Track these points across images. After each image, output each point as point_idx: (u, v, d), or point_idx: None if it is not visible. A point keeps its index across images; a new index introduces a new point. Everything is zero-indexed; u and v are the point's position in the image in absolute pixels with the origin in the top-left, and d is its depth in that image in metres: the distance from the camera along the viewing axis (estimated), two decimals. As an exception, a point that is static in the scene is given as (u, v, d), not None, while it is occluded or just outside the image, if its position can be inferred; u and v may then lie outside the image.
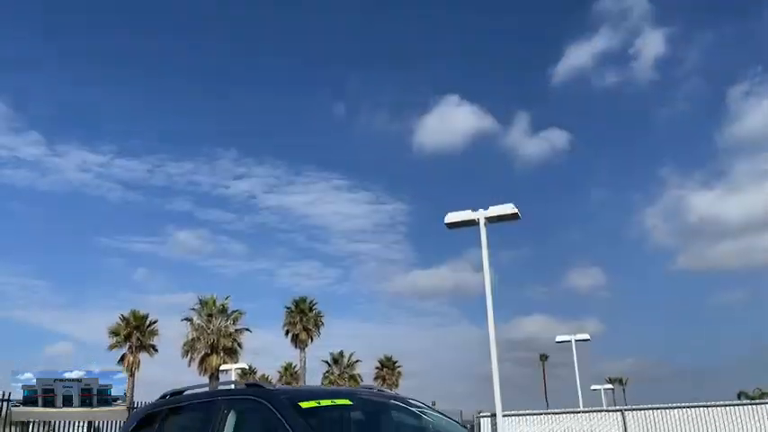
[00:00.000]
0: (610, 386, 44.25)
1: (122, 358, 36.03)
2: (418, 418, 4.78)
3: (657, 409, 13.43)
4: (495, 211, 14.77)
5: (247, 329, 38.23)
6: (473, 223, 15.01)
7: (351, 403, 4.55)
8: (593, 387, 39.48)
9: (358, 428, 4.04)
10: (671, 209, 65.38)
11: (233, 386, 5.11)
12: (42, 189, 60.53)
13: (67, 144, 68.55)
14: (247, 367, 36.17)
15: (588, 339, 30.91)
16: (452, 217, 15.08)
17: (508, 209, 14.64)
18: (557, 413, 14.47)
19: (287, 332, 42.49)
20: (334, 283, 69.01)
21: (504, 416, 13.31)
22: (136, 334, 35.85)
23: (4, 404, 11.31)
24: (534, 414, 14.03)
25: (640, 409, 13.47)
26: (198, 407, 4.82)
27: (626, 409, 13.72)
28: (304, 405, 4.18)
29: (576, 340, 29.96)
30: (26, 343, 62.45)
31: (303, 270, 70.65)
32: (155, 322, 37.29)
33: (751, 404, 13.42)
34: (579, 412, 14.35)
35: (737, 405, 13.46)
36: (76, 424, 12.88)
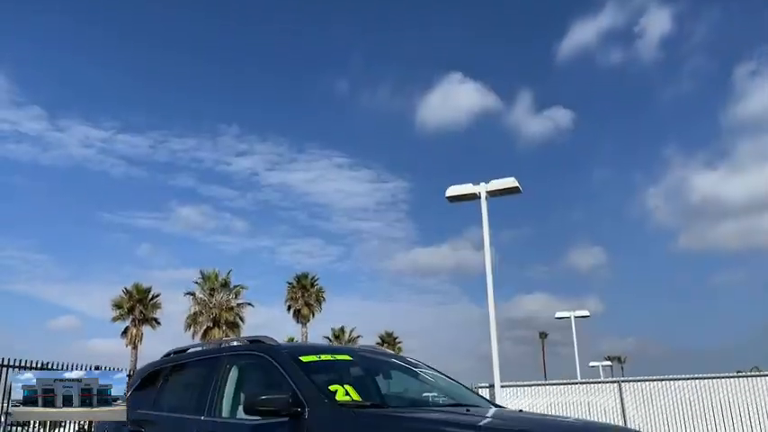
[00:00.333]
0: (608, 363, 44.58)
1: (125, 331, 36.40)
2: (417, 376, 4.86)
3: (655, 380, 13.58)
4: (497, 184, 14.77)
5: (249, 304, 38.57)
6: (474, 197, 15.02)
7: (350, 359, 4.64)
8: (591, 364, 39.82)
9: (357, 382, 4.12)
10: (673, 189, 65.25)
11: (236, 343, 5.20)
12: (45, 164, 60.52)
13: (69, 119, 68.29)
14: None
15: (588, 316, 31.09)
16: (454, 190, 15.09)
17: (509, 182, 14.64)
18: (554, 384, 14.64)
19: (289, 307, 42.82)
20: (336, 261, 69.29)
21: (502, 386, 13.46)
22: (139, 307, 36.14)
23: (4, 370, 11.43)
24: (532, 385, 14.20)
25: (637, 381, 13.61)
26: (201, 363, 4.92)
27: (623, 381, 13.87)
28: (305, 359, 4.27)
29: (576, 316, 30.15)
30: (31, 317, 62.96)
31: (305, 247, 70.92)
32: (157, 296, 37.62)
33: (750, 377, 13.50)
34: (576, 383, 14.51)
35: (737, 377, 13.58)
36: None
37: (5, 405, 11.68)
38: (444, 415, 3.89)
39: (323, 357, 4.47)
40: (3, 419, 12.35)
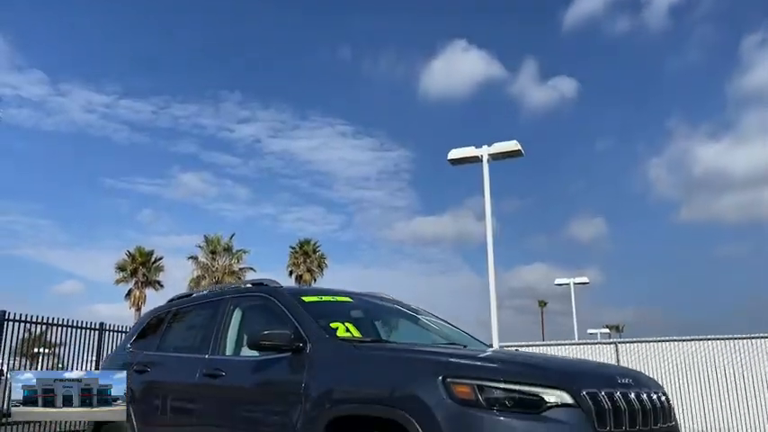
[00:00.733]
0: (606, 330, 45.03)
1: (129, 293, 36.75)
2: (417, 321, 4.95)
3: (652, 341, 13.74)
4: (499, 147, 14.75)
5: (251, 269, 38.82)
6: (476, 160, 15.02)
7: (351, 300, 4.73)
8: (589, 331, 40.27)
9: (357, 323, 4.20)
10: (676, 160, 64.88)
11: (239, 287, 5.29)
12: (47, 129, 60.18)
13: (71, 83, 67.77)
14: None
15: (587, 283, 31.30)
16: (456, 153, 15.08)
17: (512, 146, 14.62)
18: (552, 344, 14.84)
19: (290, 273, 43.06)
20: (338, 230, 69.36)
21: (500, 347, 13.64)
22: (142, 270, 36.43)
23: (5, 324, 11.52)
24: (530, 345, 14.38)
25: (634, 342, 13.79)
26: (205, 305, 5.01)
27: (620, 342, 14.06)
28: (307, 299, 4.36)
29: (575, 283, 30.34)
30: (35, 281, 63.44)
31: (307, 216, 70.98)
32: (160, 259, 37.90)
33: (746, 338, 13.61)
34: (574, 344, 14.71)
35: (732, 339, 13.71)
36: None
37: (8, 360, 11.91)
38: (443, 349, 3.99)
39: (324, 299, 4.56)
40: (5, 372, 12.57)
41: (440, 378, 3.05)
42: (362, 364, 3.56)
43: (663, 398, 3.55)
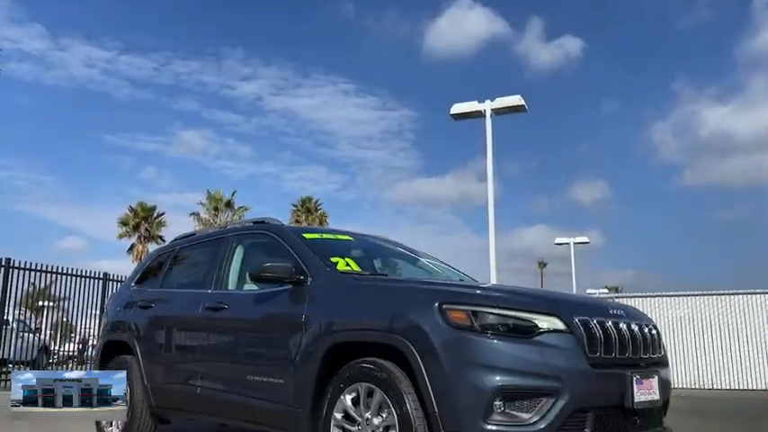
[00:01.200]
0: (605, 290, 45.37)
1: (131, 248, 36.99)
2: (416, 262, 5.03)
3: (650, 297, 13.91)
4: (502, 102, 14.68)
5: (253, 225, 38.88)
6: (479, 115, 14.95)
7: (352, 239, 4.80)
8: (588, 291, 40.63)
9: (357, 260, 4.28)
10: (682, 123, 64.24)
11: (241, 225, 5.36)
12: (48, 84, 59.58)
13: (71, 38, 66.76)
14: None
15: (587, 242, 31.46)
16: (459, 108, 15.00)
17: (515, 100, 14.54)
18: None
19: (292, 230, 43.19)
20: (340, 189, 69.29)
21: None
22: (144, 225, 36.61)
23: (9, 271, 11.63)
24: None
25: (632, 297, 13.95)
26: (208, 244, 5.09)
27: (618, 297, 14.23)
28: (308, 236, 4.43)
29: (576, 243, 30.49)
30: (39, 237, 63.79)
31: (309, 175, 70.83)
32: (162, 214, 38.03)
33: (751, 293, 13.76)
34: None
35: (729, 294, 13.87)
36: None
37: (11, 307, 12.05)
38: (440, 281, 4.08)
39: (325, 236, 4.63)
40: (10, 320, 12.76)
41: (436, 304, 3.12)
42: (361, 295, 3.65)
43: (653, 330, 3.64)
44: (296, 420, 3.60)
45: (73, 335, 17.60)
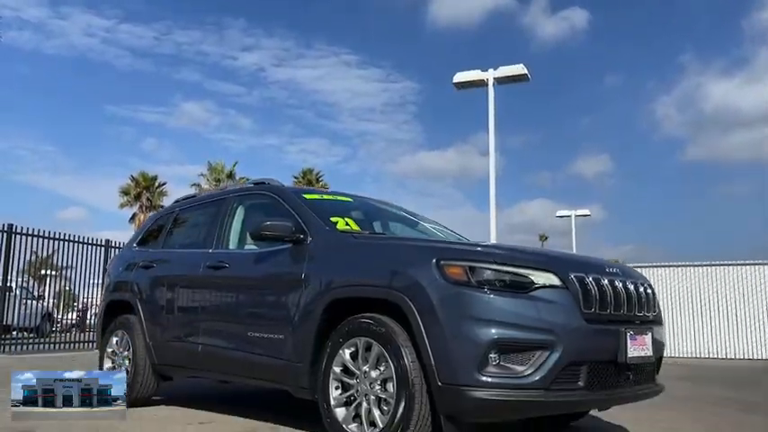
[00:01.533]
0: (605, 264, 45.45)
1: (133, 217, 37.09)
2: (416, 225, 5.06)
3: (648, 267, 13.99)
4: (505, 71, 14.58)
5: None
6: (482, 84, 14.87)
7: (352, 201, 4.82)
8: (588, 263, 40.73)
9: (356, 221, 4.31)
10: (686, 97, 63.72)
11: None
12: (48, 53, 59.09)
13: (71, 6, 65.94)
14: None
15: (588, 215, 31.46)
16: (461, 77, 14.91)
17: (518, 69, 14.44)
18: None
19: (293, 200, 43.22)
20: (342, 162, 69.13)
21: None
22: (146, 194, 36.66)
23: (12, 236, 11.68)
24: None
25: (634, 267, 14.01)
26: (209, 205, 5.12)
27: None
28: (308, 196, 4.46)
29: (577, 215, 30.52)
30: (40, 207, 63.91)
31: (311, 147, 70.58)
32: (164, 184, 38.06)
33: (751, 264, 13.81)
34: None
35: (725, 266, 13.94)
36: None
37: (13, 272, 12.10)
38: (439, 239, 4.12)
39: (325, 197, 4.66)
40: (14, 287, 12.85)
41: (434, 260, 3.16)
42: (360, 252, 3.69)
43: (649, 289, 3.69)
44: (296, 374, 3.67)
45: (76, 304, 17.75)
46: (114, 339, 5.20)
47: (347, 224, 4.14)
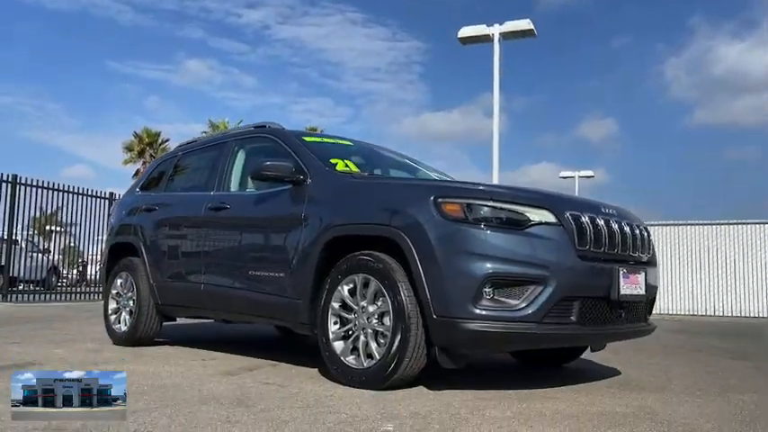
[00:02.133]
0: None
1: (136, 173, 37.11)
2: (416, 171, 5.08)
3: (648, 225, 14.02)
4: (511, 26, 14.37)
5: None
6: (487, 39, 14.68)
7: (352, 144, 4.84)
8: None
9: (356, 164, 4.33)
10: (696, 60, 62.66)
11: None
12: (50, 8, 58.38)
13: (70, -43, 64.81)
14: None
15: (592, 176, 31.36)
16: (466, 32, 14.70)
17: (524, 24, 14.22)
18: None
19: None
20: (346, 123, 68.64)
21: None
22: (149, 150, 36.60)
23: (17, 187, 11.72)
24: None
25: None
26: (210, 148, 5.15)
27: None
28: (308, 139, 4.48)
29: (580, 177, 30.44)
30: (44, 165, 63.96)
31: (315, 107, 70.10)
32: (167, 141, 37.91)
33: (754, 223, 13.80)
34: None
35: (723, 224, 13.95)
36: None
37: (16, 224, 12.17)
38: (438, 179, 4.16)
39: (326, 140, 4.67)
40: (20, 240, 12.95)
41: (432, 198, 3.20)
42: (359, 192, 3.73)
43: (644, 232, 3.74)
44: (296, 311, 3.75)
45: (81, 260, 17.92)
46: (118, 281, 5.29)
47: (347, 166, 4.17)
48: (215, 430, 2.38)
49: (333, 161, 4.14)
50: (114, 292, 5.33)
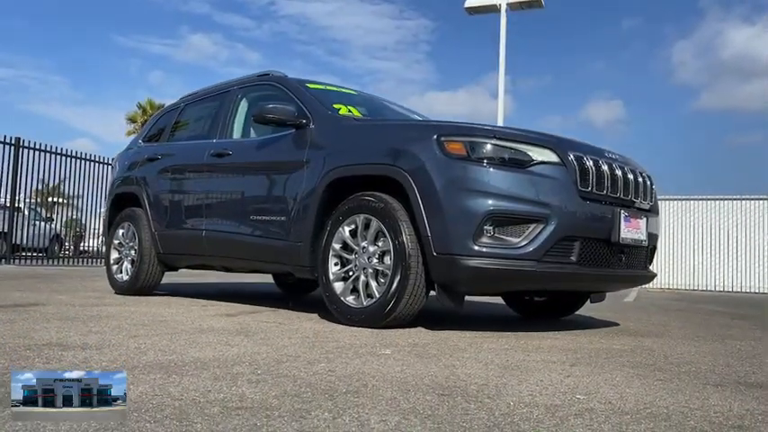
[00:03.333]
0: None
1: (141, 146, 37.13)
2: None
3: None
4: (519, -5, 14.21)
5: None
6: (494, 9, 14.53)
7: (356, 93, 4.81)
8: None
9: (359, 112, 4.31)
10: (704, 43, 62.09)
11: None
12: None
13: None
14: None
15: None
16: (473, 1, 14.56)
17: (532, -6, 14.07)
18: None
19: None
20: (351, 100, 68.17)
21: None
22: (153, 123, 36.54)
23: (20, 150, 11.66)
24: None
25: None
26: (213, 98, 5.11)
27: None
28: (312, 86, 4.44)
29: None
30: (47, 137, 63.93)
31: (321, 85, 69.50)
32: (171, 113, 37.83)
33: (756, 198, 13.74)
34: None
35: (723, 200, 13.89)
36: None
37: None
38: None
39: (329, 88, 4.64)
40: (23, 207, 12.94)
41: (434, 136, 3.18)
42: (362, 134, 3.71)
43: (648, 180, 3.72)
44: (297, 254, 3.75)
45: (79, 230, 17.91)
46: (120, 231, 5.29)
47: (350, 111, 4.15)
48: (215, 350, 2.40)
49: (336, 106, 4.12)
50: (116, 242, 5.34)
